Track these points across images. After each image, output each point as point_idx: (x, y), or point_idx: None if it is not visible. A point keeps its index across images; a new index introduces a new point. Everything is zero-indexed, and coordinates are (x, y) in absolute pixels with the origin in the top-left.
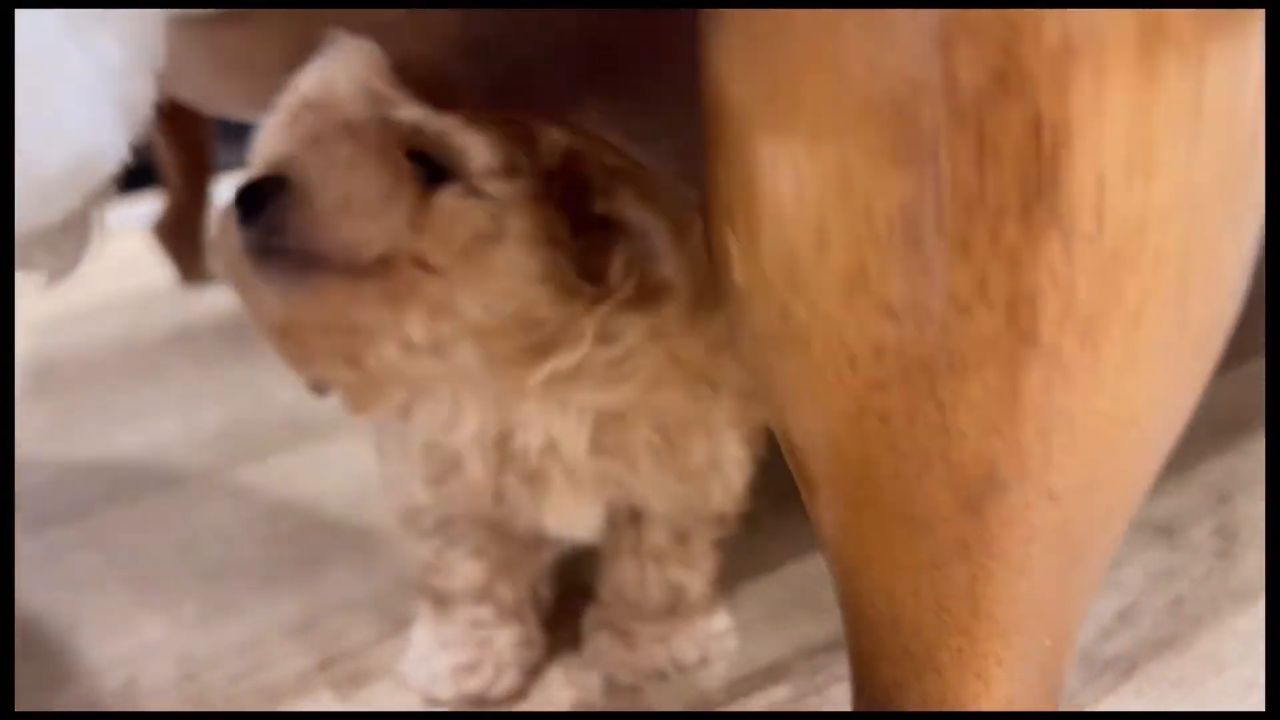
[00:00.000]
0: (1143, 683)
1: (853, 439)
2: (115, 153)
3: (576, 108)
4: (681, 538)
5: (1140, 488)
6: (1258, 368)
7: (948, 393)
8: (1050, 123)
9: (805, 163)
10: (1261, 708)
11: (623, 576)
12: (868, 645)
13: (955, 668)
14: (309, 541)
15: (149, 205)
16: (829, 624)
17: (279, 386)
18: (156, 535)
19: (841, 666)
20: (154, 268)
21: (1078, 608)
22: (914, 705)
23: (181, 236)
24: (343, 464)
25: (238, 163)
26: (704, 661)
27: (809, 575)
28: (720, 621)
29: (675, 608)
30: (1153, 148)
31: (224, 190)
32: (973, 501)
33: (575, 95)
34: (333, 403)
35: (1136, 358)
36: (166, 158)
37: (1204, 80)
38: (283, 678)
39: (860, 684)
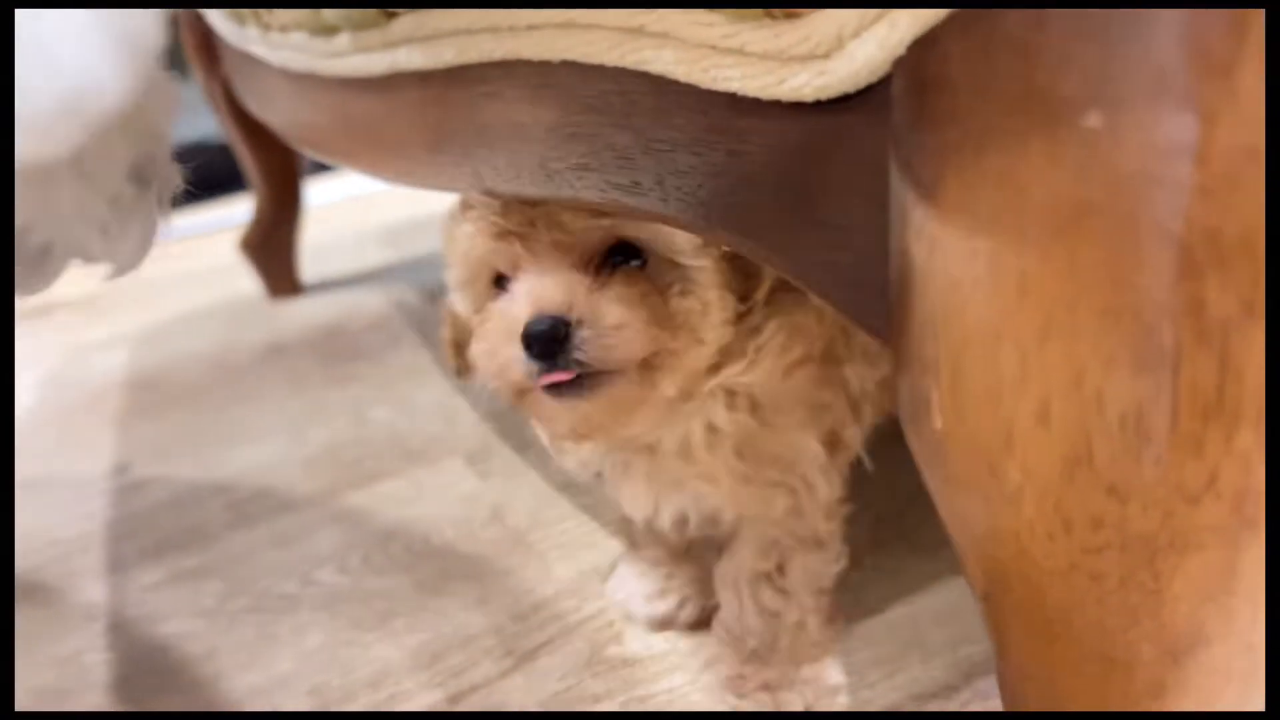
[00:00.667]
0: None
1: (1059, 588)
2: (115, 87)
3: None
4: (777, 563)
5: None
6: None
7: (1166, 566)
8: None
9: (1033, 351)
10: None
11: (725, 608)
12: None
13: None
14: (422, 570)
15: (237, 208)
16: (939, 669)
17: (376, 409)
18: (276, 563)
19: (954, 707)
20: (242, 277)
21: None
22: None
23: (269, 251)
24: (445, 488)
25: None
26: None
27: (916, 619)
28: (833, 675)
29: (777, 646)
30: None
31: (313, 193)
32: (1177, 654)
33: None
34: (427, 424)
35: None
36: (254, 174)
37: None
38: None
39: None
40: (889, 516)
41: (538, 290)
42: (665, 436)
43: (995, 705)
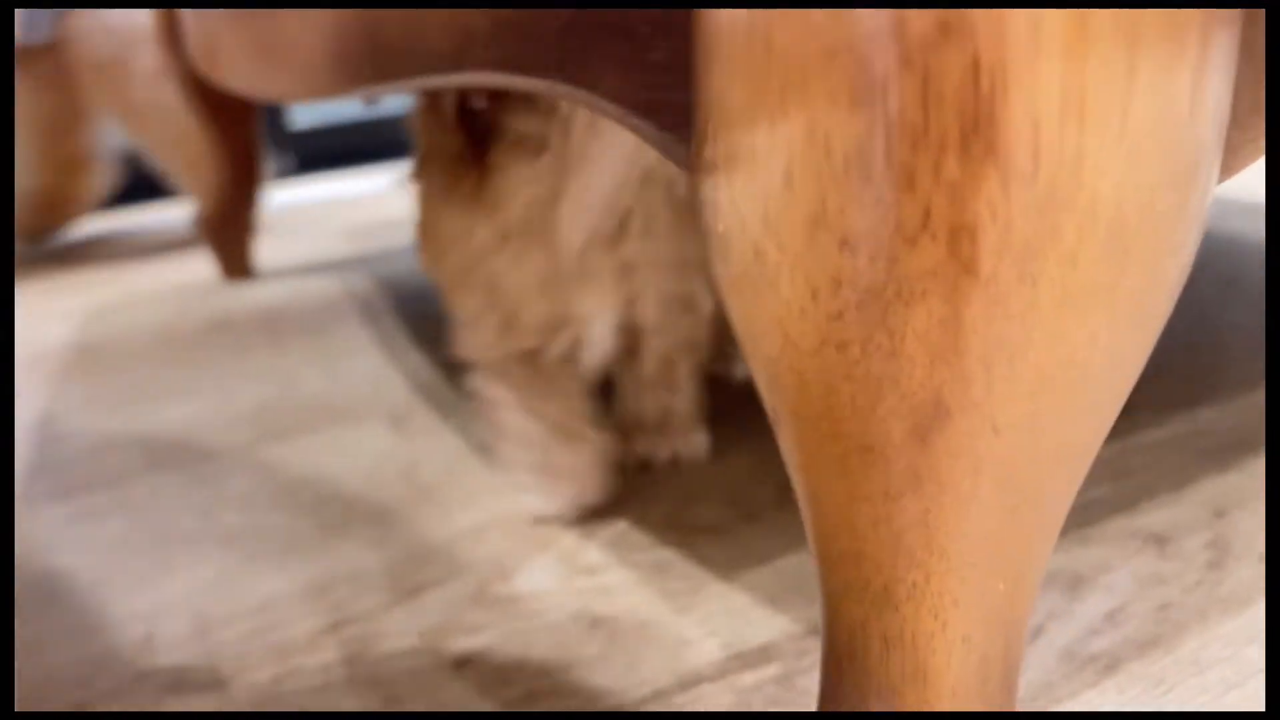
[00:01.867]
0: (1124, 680)
1: (815, 370)
2: None
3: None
4: (667, 365)
5: (1088, 436)
6: (1259, 398)
7: (897, 321)
8: (988, 66)
9: (777, 109)
10: (1240, 708)
11: (624, 399)
12: (835, 584)
13: (912, 603)
14: (326, 513)
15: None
16: (818, 612)
17: (309, 374)
18: (182, 504)
19: None
20: (197, 263)
21: (1033, 554)
22: (875, 643)
23: (226, 232)
24: (363, 445)
25: (288, 171)
26: (677, 459)
27: (805, 568)
28: (700, 438)
29: (664, 423)
30: (1086, 97)
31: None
32: (921, 430)
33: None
34: (354, 389)
35: (1073, 296)
36: (214, 154)
37: (1137, 42)
38: (293, 638)
39: (830, 630)
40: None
41: None
42: None
43: None
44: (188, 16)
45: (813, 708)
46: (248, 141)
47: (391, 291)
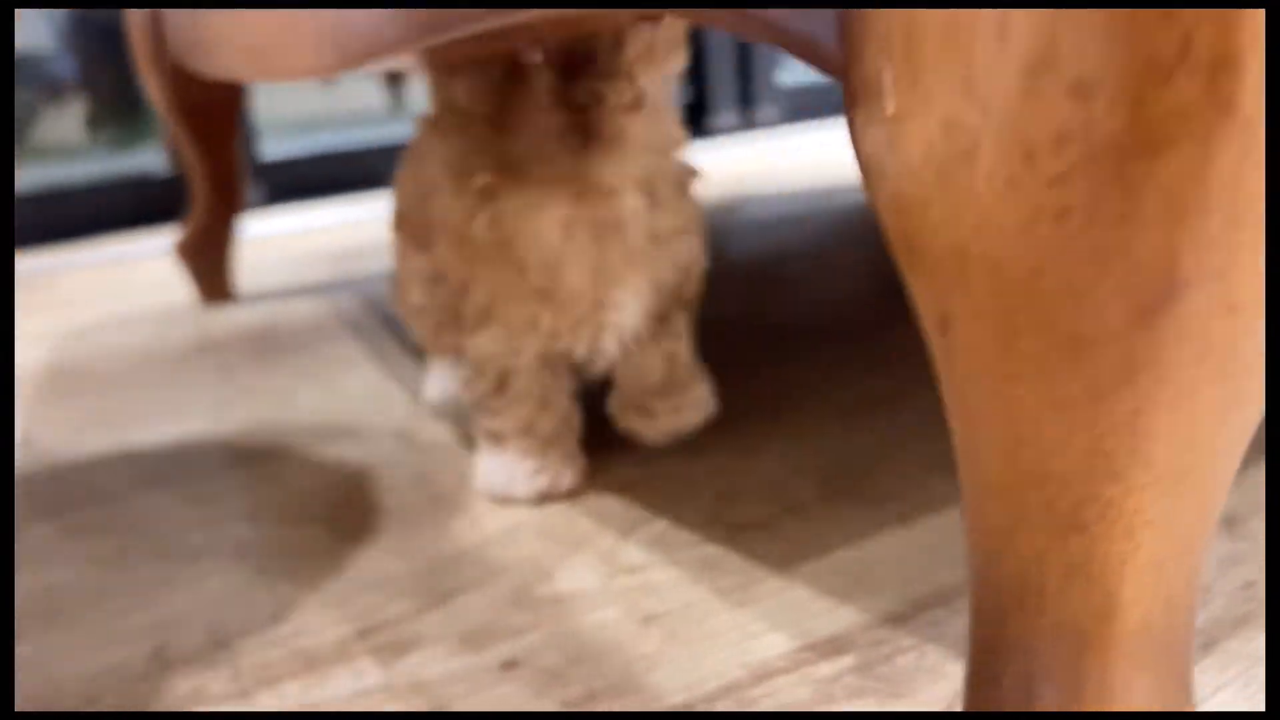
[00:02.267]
0: (1224, 657)
1: (1019, 252)
2: None
3: None
4: (663, 318)
5: None
6: None
7: (1137, 175)
8: None
9: None
10: None
11: (629, 362)
12: (1003, 519)
13: (1104, 524)
14: (340, 524)
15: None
16: (886, 601)
17: (304, 391)
18: (182, 519)
19: (905, 639)
20: (177, 289)
21: (1231, 465)
22: (1054, 577)
23: (206, 255)
24: (372, 457)
25: (258, 203)
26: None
27: (863, 560)
28: (706, 392)
29: (672, 379)
30: None
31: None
32: (1147, 311)
33: None
34: (354, 405)
35: None
36: (196, 174)
37: None
38: (319, 646)
39: (989, 578)
40: (837, 474)
41: None
42: None
43: (946, 632)
44: (173, 14)
45: (898, 696)
46: (230, 161)
47: (382, 311)
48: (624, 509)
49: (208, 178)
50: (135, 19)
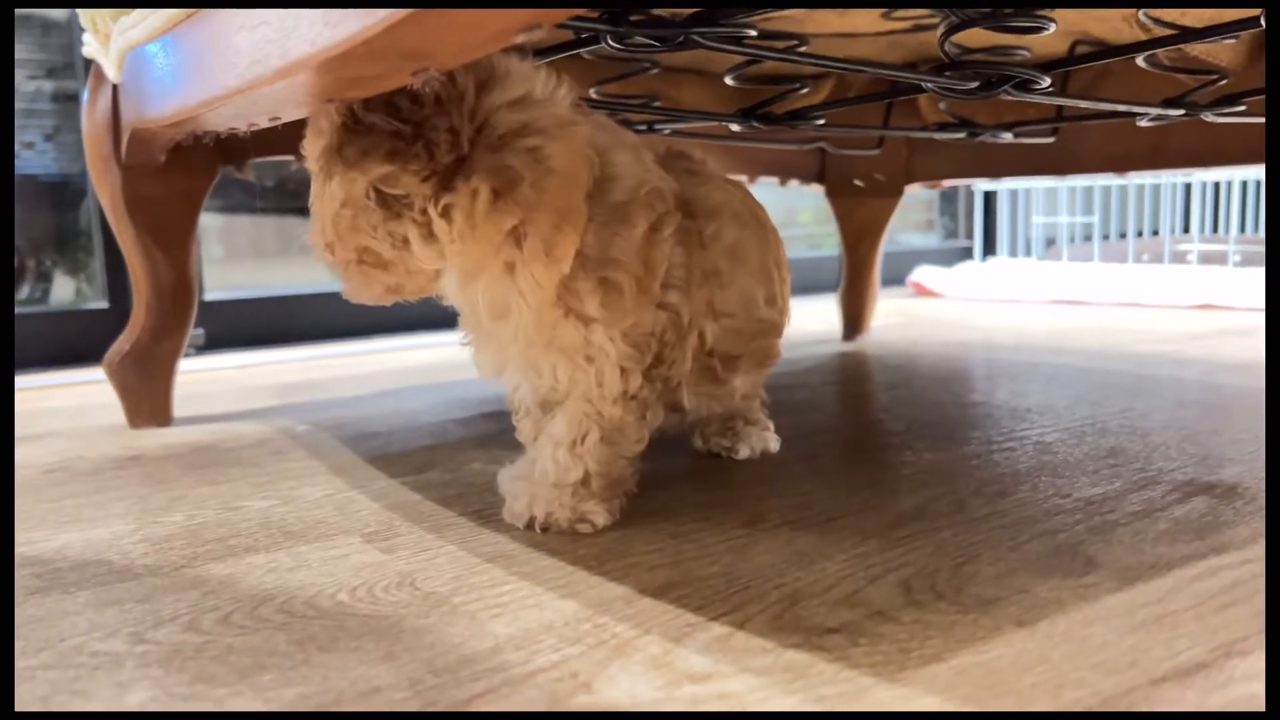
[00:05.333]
0: None
1: None
2: None
3: None
4: (582, 434)
5: None
6: None
7: None
8: None
9: None
10: None
11: (537, 455)
12: None
13: None
14: (304, 629)
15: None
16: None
17: (253, 499)
18: (95, 624)
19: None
20: (104, 412)
21: None
22: None
23: (143, 373)
24: (337, 560)
25: (196, 345)
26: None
27: (991, 666)
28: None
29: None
30: None
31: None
32: None
33: None
34: (312, 512)
35: None
36: (144, 283)
37: None
38: None
39: None
40: (915, 580)
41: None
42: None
43: None
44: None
45: None
46: (185, 265)
47: (342, 430)
48: (664, 612)
49: (154, 285)
50: (92, 121)
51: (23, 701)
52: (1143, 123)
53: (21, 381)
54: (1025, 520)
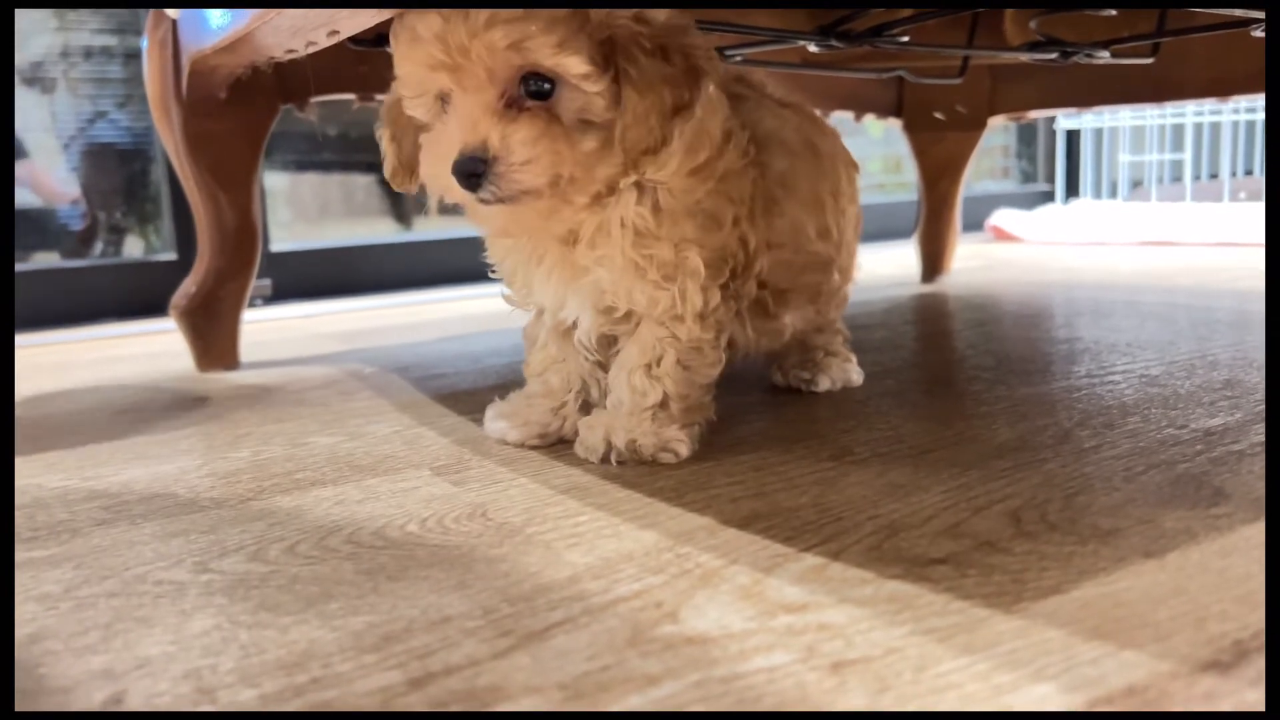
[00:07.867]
0: None
1: None
2: None
3: None
4: (657, 356)
5: None
6: None
7: None
8: None
9: None
10: None
11: (611, 387)
12: None
13: None
14: (372, 559)
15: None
16: (1185, 647)
17: (319, 435)
18: (159, 554)
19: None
20: (172, 359)
21: None
22: None
23: (210, 317)
24: (407, 492)
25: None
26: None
27: (1121, 599)
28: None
29: (641, 420)
30: None
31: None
32: None
33: None
34: (380, 446)
35: None
36: (208, 227)
37: None
38: (357, 694)
39: None
40: (1025, 510)
41: (464, 127)
42: (585, 225)
43: None
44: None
45: None
46: (248, 205)
47: (408, 372)
48: (751, 542)
49: (221, 227)
50: (153, 63)
51: (84, 628)
52: (1256, 32)
53: (94, 331)
54: (1140, 451)
